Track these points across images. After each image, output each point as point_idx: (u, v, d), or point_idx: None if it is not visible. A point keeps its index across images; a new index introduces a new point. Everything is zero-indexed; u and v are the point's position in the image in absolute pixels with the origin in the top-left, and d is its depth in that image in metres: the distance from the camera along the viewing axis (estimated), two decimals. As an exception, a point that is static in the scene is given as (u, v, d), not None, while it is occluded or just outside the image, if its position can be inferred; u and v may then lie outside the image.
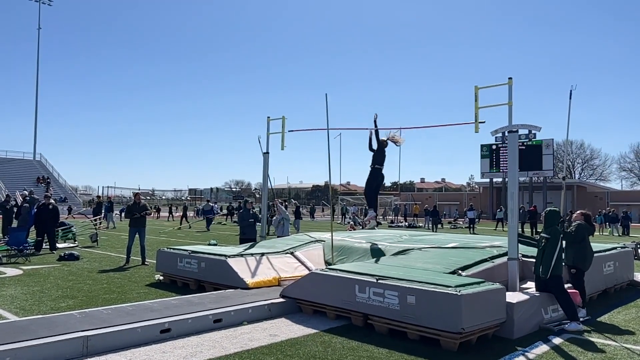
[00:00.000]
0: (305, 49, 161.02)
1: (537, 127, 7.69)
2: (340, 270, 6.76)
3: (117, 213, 33.18)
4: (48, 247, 14.14)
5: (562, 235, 6.74)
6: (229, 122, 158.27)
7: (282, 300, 6.99)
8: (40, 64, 69.23)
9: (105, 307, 6.58)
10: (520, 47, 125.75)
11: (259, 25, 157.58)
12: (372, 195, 10.72)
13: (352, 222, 31.58)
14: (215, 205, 37.19)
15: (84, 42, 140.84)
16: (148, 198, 60.84)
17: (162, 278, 9.57)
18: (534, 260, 6.97)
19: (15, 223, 16.26)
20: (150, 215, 17.48)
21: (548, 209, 6.95)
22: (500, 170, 49.35)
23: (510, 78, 7.32)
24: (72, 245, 15.59)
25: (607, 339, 5.96)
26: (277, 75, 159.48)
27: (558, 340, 5.83)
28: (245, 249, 9.71)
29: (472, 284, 5.75)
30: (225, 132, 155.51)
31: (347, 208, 44.79)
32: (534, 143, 45.64)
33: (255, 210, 13.32)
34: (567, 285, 6.86)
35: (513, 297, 6.20)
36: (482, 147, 52.33)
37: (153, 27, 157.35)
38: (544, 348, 5.55)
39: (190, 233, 24.36)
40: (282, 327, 6.21)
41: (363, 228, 22.21)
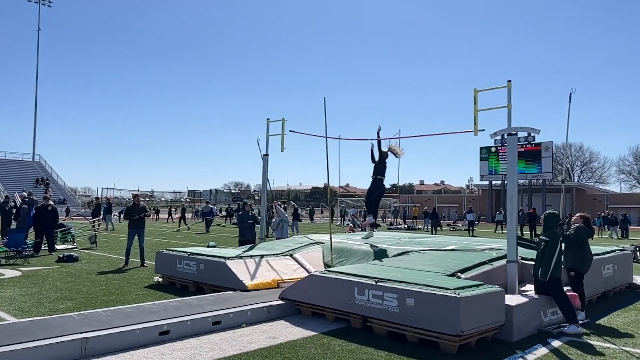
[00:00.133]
0: (305, 51, 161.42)
1: (536, 129, 7.69)
2: (340, 273, 6.76)
3: (115, 215, 33.18)
4: (47, 248, 14.12)
5: (561, 238, 6.75)
6: (229, 123, 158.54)
7: (281, 303, 6.98)
8: (40, 65, 69.20)
9: (104, 308, 6.57)
10: (520, 50, 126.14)
11: (259, 27, 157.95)
12: (372, 204, 10.83)
13: (351, 224, 31.61)
14: (215, 207, 37.16)
15: (84, 43, 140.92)
16: (147, 199, 60.81)
17: (161, 280, 9.56)
18: (533, 263, 6.98)
19: (14, 224, 16.28)
20: (149, 217, 17.42)
21: (547, 212, 6.95)
22: (500, 173, 49.44)
23: (510, 81, 7.34)
24: (71, 247, 15.57)
25: (606, 342, 5.96)
26: (276, 77, 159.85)
27: (557, 343, 5.83)
28: (245, 251, 9.71)
29: (471, 287, 5.74)
30: (225, 133, 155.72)
31: (346, 210, 44.81)
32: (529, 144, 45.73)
33: (255, 212, 13.32)
34: (566, 288, 6.86)
35: (512, 299, 6.20)
36: (481, 149, 52.46)
37: (152, 28, 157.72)
38: (543, 351, 5.54)
39: (189, 235, 24.35)
40: (281, 329, 6.21)
41: (362, 230, 22.21)
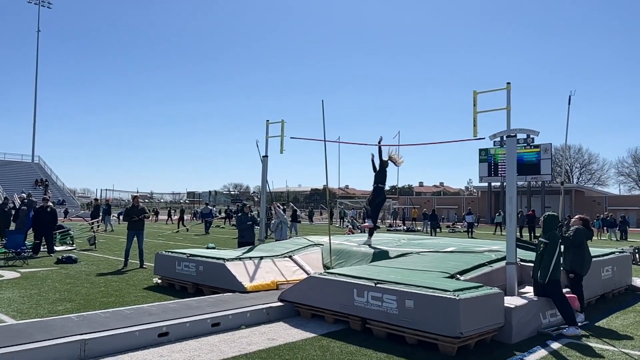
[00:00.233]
0: (305, 53, 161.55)
1: (535, 131, 7.69)
2: (339, 274, 6.75)
3: (114, 216, 33.17)
4: (46, 250, 14.11)
5: (560, 240, 6.75)
6: (228, 125, 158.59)
7: (280, 304, 6.98)
8: (40, 67, 69.29)
9: (103, 310, 6.56)
10: (519, 52, 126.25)
11: (258, 29, 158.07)
12: (372, 211, 10.80)
13: (350, 225, 31.65)
14: (214, 209, 37.16)
15: (83, 44, 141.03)
16: (146, 201, 60.74)
17: (160, 281, 9.55)
18: (533, 265, 6.98)
19: (13, 226, 16.27)
20: (149, 219, 17.44)
21: (547, 214, 6.95)
22: (499, 175, 49.47)
23: (509, 83, 7.35)
24: (70, 248, 15.56)
25: (605, 344, 5.96)
26: (276, 79, 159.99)
27: (556, 345, 5.83)
28: (244, 253, 9.70)
29: (470, 289, 5.74)
30: (224, 135, 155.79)
31: (345, 212, 44.82)
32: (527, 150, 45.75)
33: (254, 214, 13.32)
34: (565, 290, 6.86)
35: (511, 301, 6.20)
36: (480, 151, 52.49)
37: (152, 30, 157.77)
38: (543, 353, 5.54)
39: (189, 236, 24.33)
40: (280, 331, 6.21)
41: (361, 232, 22.22)
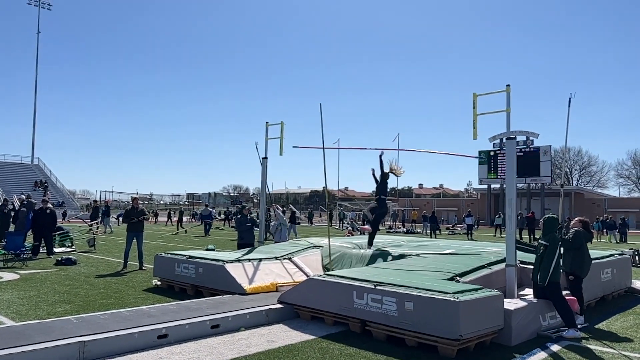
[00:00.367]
0: (305, 56, 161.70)
1: (534, 133, 7.71)
2: (338, 276, 6.75)
3: (114, 217, 33.15)
4: (45, 251, 14.10)
5: (560, 243, 6.75)
6: (228, 127, 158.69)
7: (279, 306, 6.97)
8: (39, 69, 69.30)
9: (102, 312, 6.55)
10: (519, 55, 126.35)
11: (258, 32, 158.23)
12: (373, 221, 10.70)
13: (350, 227, 31.64)
14: (213, 210, 37.15)
15: (83, 46, 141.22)
16: (146, 203, 60.74)
17: (159, 283, 9.54)
18: (532, 267, 6.97)
19: (13, 227, 16.25)
20: (148, 220, 17.41)
21: (546, 216, 6.95)
22: (498, 177, 49.42)
23: (508, 85, 7.36)
24: (69, 250, 15.54)
25: (605, 346, 5.96)
26: (276, 81, 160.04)
27: (556, 348, 5.82)
28: (243, 255, 9.69)
29: (470, 291, 5.74)
30: (224, 137, 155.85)
31: (344, 213, 44.79)
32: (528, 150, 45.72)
33: (253, 216, 13.32)
34: (565, 292, 6.86)
35: (511, 303, 6.19)
36: (479, 153, 52.47)
37: (152, 33, 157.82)
38: (542, 355, 5.54)
39: (188, 238, 24.31)
40: (279, 333, 6.20)
41: (361, 234, 22.21)
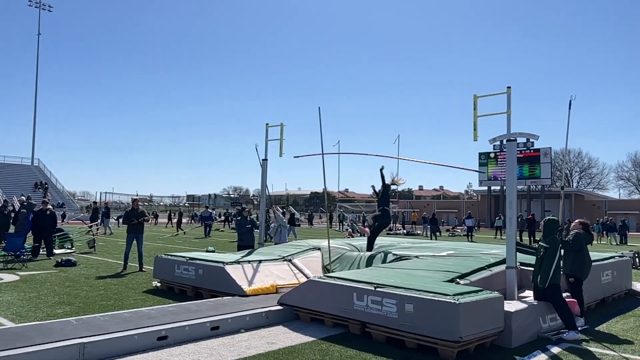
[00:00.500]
0: (305, 56, 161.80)
1: (534, 135, 7.70)
2: (338, 278, 6.74)
3: (114, 219, 33.15)
4: (45, 252, 14.09)
5: (560, 245, 6.74)
6: (228, 128, 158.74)
7: (279, 308, 6.96)
8: (40, 70, 69.36)
9: (102, 313, 6.55)
10: (520, 57, 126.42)
11: (259, 33, 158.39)
12: (374, 230, 10.65)
13: (350, 229, 31.64)
14: (214, 212, 37.15)
15: (83, 48, 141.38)
16: (146, 204, 60.73)
17: (159, 285, 9.53)
18: (532, 269, 6.96)
19: (13, 228, 16.26)
20: (148, 222, 17.43)
21: (547, 218, 6.94)
22: (498, 178, 49.45)
23: (509, 87, 7.36)
24: (69, 251, 15.53)
25: (605, 349, 5.95)
26: (276, 82, 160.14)
27: (556, 350, 5.81)
28: (243, 256, 9.68)
29: (470, 293, 5.73)
30: (224, 138, 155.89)
31: (344, 215, 44.79)
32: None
33: (253, 217, 13.33)
34: (565, 294, 6.85)
35: (511, 306, 6.18)
36: (480, 155, 52.52)
37: (152, 34, 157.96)
38: (542, 357, 5.53)
39: (188, 239, 24.30)
40: (279, 334, 6.19)
41: (361, 235, 22.22)
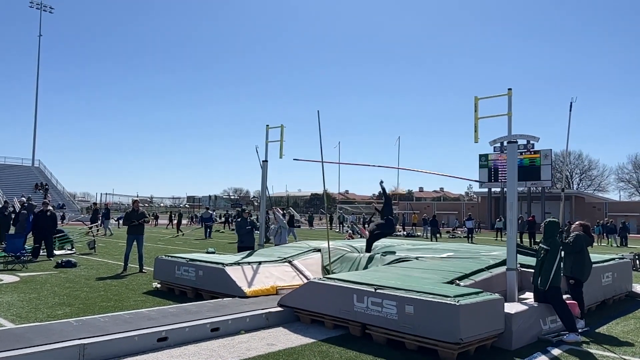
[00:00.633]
0: (306, 59, 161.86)
1: (535, 137, 7.71)
2: (338, 280, 6.74)
3: (114, 220, 33.14)
4: (45, 254, 14.09)
5: (561, 247, 6.74)
6: (228, 129, 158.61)
7: (279, 309, 6.96)
8: (41, 71, 69.43)
9: (102, 314, 6.55)
10: (520, 59, 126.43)
11: (259, 34, 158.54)
12: (376, 234, 10.59)
13: (350, 230, 31.61)
14: (214, 213, 37.15)
15: (85, 49, 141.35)
16: (146, 205, 60.75)
17: (159, 286, 9.53)
18: (533, 271, 6.96)
19: (13, 229, 16.26)
20: (149, 223, 17.43)
21: (547, 220, 6.94)
22: (499, 180, 49.42)
23: (510, 89, 7.37)
24: (69, 252, 15.53)
25: (606, 351, 5.94)
26: (276, 84, 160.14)
27: (557, 352, 5.81)
28: (243, 258, 9.69)
29: (470, 294, 5.73)
30: (224, 139, 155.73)
31: (344, 216, 44.79)
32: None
33: (253, 219, 13.33)
34: (565, 296, 6.84)
35: (511, 307, 6.18)
36: (480, 157, 52.49)
37: (153, 35, 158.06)
38: (543, 359, 5.53)
39: (189, 241, 24.30)
40: (279, 336, 6.19)
41: (361, 237, 22.19)
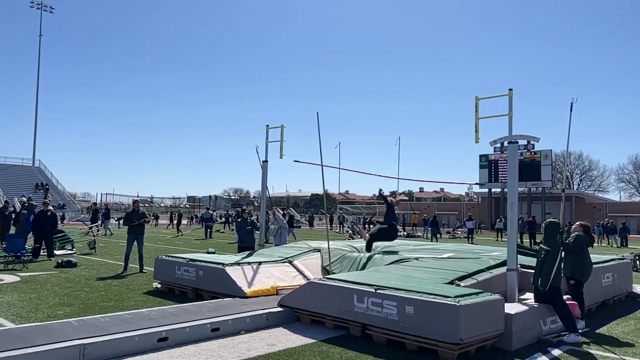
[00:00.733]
0: (306, 59, 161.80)
1: (535, 137, 7.71)
2: (339, 280, 6.74)
3: (114, 220, 33.15)
4: (46, 253, 14.10)
5: (561, 247, 6.73)
6: (228, 130, 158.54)
7: (280, 310, 6.96)
8: (41, 71, 69.46)
9: (103, 315, 6.55)
10: (521, 59, 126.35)
11: (259, 35, 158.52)
12: (377, 237, 10.56)
13: (350, 231, 31.61)
14: (214, 213, 37.16)
15: (85, 49, 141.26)
16: (147, 205, 60.76)
17: (159, 286, 9.53)
18: (533, 272, 6.96)
19: (14, 229, 16.27)
20: (149, 223, 17.43)
21: (548, 221, 6.93)
22: (499, 181, 49.43)
23: (511, 89, 7.37)
24: (69, 252, 15.54)
25: (606, 351, 5.94)
26: (276, 84, 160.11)
27: (557, 352, 5.81)
28: (243, 258, 9.69)
29: (470, 295, 5.73)
30: (225, 139, 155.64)
31: (344, 217, 44.79)
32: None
33: (253, 219, 13.33)
34: (566, 297, 6.84)
35: (512, 308, 6.19)
36: (480, 157, 52.49)
37: (153, 35, 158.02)
38: (543, 359, 5.54)
39: (189, 241, 24.31)
40: (280, 336, 6.19)
41: (361, 237, 22.19)
